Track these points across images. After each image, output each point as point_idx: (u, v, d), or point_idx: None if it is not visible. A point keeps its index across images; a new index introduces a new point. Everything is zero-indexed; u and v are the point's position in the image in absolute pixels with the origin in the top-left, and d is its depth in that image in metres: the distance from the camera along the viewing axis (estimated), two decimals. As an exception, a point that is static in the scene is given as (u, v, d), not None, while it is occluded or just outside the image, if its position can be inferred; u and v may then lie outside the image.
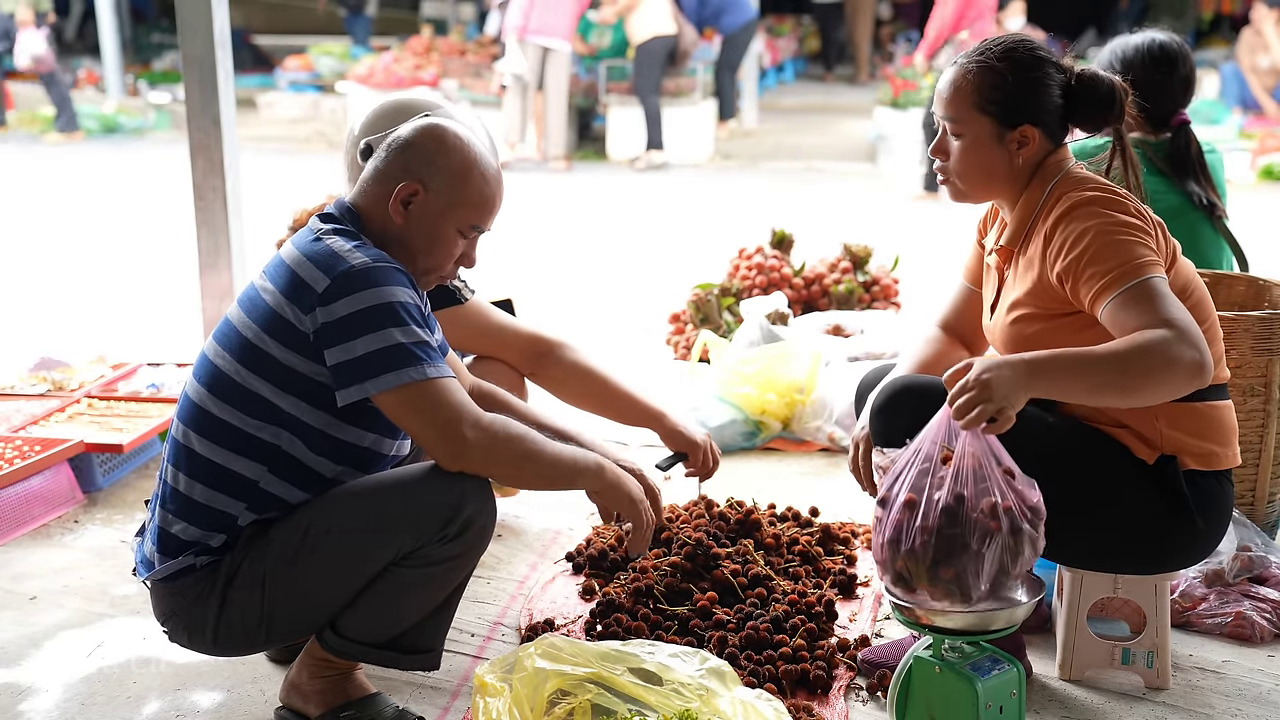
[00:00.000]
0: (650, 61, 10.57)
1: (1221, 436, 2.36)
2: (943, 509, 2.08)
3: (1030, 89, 2.36)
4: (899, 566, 2.13)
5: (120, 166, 10.85)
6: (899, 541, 2.11)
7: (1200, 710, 2.44)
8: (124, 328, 5.57)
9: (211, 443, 2.19)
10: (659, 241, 7.79)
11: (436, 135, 2.26)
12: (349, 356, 2.09)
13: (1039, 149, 2.39)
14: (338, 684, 2.32)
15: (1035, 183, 2.40)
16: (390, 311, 2.09)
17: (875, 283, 5.04)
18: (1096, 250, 2.24)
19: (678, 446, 2.79)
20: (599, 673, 2.08)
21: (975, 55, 2.39)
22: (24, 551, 3.23)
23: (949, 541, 2.07)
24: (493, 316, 2.88)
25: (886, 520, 2.13)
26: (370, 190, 2.27)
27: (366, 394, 2.10)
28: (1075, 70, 2.40)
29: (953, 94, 2.38)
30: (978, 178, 2.41)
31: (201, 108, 4.14)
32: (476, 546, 2.20)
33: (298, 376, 2.15)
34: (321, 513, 2.17)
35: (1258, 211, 8.09)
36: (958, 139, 2.40)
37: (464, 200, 2.25)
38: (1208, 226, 3.32)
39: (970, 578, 2.09)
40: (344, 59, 14.32)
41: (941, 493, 2.09)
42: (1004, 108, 2.36)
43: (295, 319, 2.13)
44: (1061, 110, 2.39)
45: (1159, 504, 2.32)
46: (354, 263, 2.11)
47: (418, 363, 2.09)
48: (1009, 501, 2.09)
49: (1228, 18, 18.28)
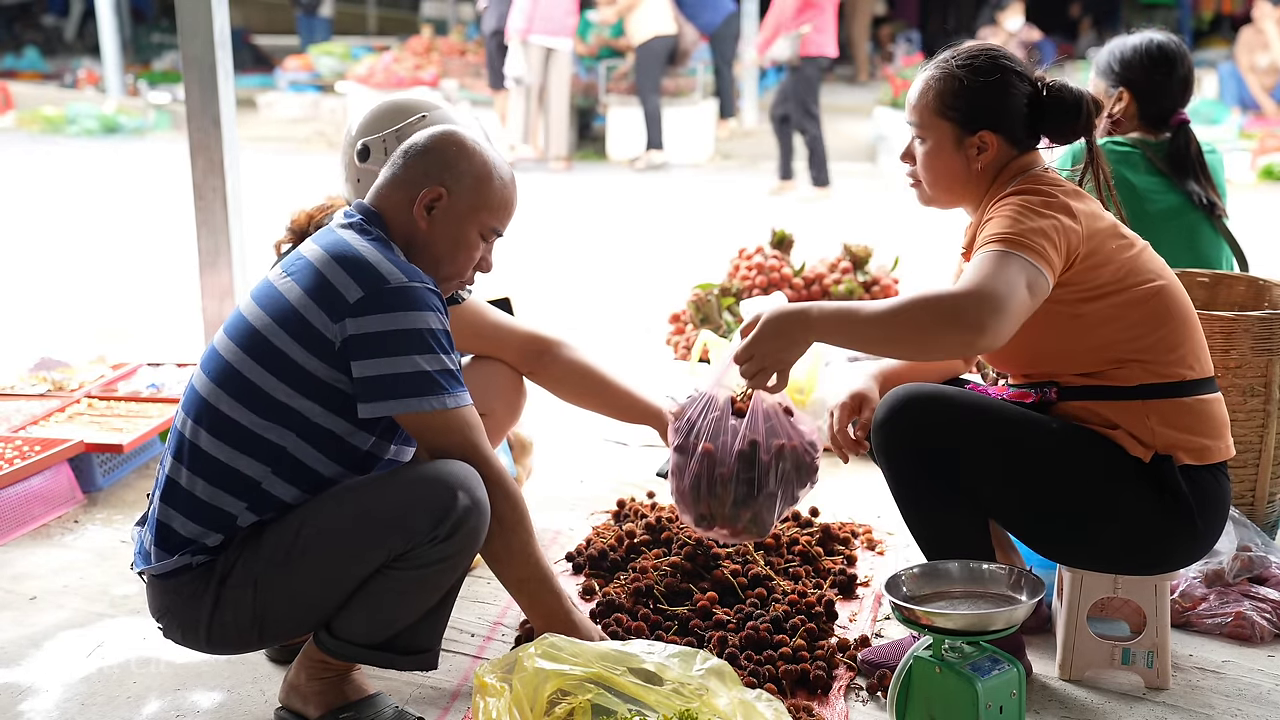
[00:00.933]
0: (651, 61, 10.58)
1: (1213, 430, 2.37)
2: (739, 455, 2.43)
3: (989, 95, 2.39)
4: (701, 509, 2.48)
5: (120, 166, 10.85)
6: (699, 488, 2.46)
7: (1200, 710, 2.44)
8: (124, 328, 5.57)
9: (218, 439, 2.18)
10: (659, 241, 7.80)
11: (456, 140, 2.29)
12: (376, 373, 2.12)
13: (999, 155, 2.42)
14: (336, 685, 2.32)
15: (995, 189, 2.42)
16: (420, 338, 2.13)
17: (875, 283, 5.04)
18: (992, 224, 2.29)
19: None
20: (599, 673, 2.08)
21: (939, 62, 2.45)
22: (24, 551, 3.23)
23: (747, 485, 2.45)
24: (491, 316, 2.88)
25: (687, 469, 2.46)
26: (391, 195, 2.28)
27: (391, 412, 2.15)
28: (1044, 81, 2.43)
29: (917, 100, 2.45)
30: (940, 182, 2.46)
31: (201, 108, 4.14)
32: (469, 547, 2.20)
33: (315, 380, 2.15)
34: (312, 514, 2.17)
35: (1258, 211, 8.09)
36: (921, 144, 2.46)
37: (486, 203, 2.29)
38: (1207, 226, 3.32)
39: (766, 514, 2.49)
40: (344, 59, 14.32)
41: (737, 440, 2.42)
42: (962, 113, 2.40)
43: (321, 324, 2.13)
44: (1027, 119, 2.42)
45: (1158, 503, 2.32)
46: (390, 280, 2.13)
47: (440, 392, 2.15)
48: (795, 441, 2.46)
49: (1228, 18, 18.28)
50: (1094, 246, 2.31)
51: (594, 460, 3.87)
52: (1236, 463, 2.93)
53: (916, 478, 2.38)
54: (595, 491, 3.60)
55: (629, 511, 3.29)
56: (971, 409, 2.35)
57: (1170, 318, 2.35)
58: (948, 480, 2.35)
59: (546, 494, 3.55)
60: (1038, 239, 2.25)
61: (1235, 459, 2.91)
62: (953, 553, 2.32)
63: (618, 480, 3.68)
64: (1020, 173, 2.42)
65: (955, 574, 2.25)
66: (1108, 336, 2.33)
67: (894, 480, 2.42)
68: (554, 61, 10.33)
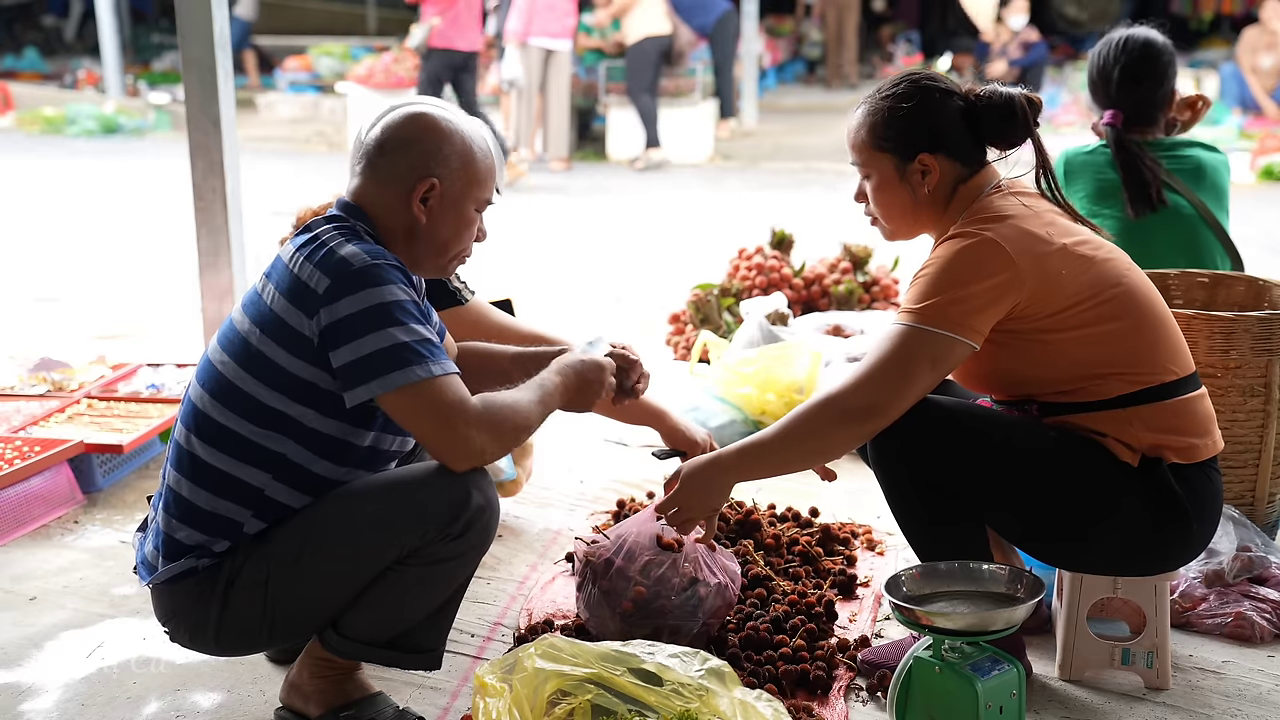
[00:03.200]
0: (641, 61, 10.59)
1: (1199, 427, 2.36)
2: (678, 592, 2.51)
3: (918, 119, 2.40)
4: (613, 616, 2.53)
5: (120, 167, 10.85)
6: (618, 608, 2.52)
7: (1200, 710, 2.44)
8: (124, 328, 5.57)
9: (215, 449, 2.17)
10: (659, 241, 7.80)
11: (430, 125, 2.25)
12: (355, 356, 2.08)
13: (946, 175, 2.41)
14: (338, 684, 2.32)
15: (949, 216, 2.43)
16: (388, 311, 2.09)
17: (875, 283, 5.05)
18: (922, 277, 2.33)
19: (678, 445, 2.79)
20: (599, 673, 2.08)
21: (866, 99, 2.48)
22: (24, 552, 3.23)
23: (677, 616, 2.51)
24: (492, 316, 2.88)
25: (615, 594, 2.52)
26: (378, 192, 2.24)
27: (373, 394, 2.09)
28: (975, 91, 2.43)
29: (854, 139, 2.48)
30: (893, 216, 2.47)
31: (201, 109, 4.14)
32: (480, 545, 2.20)
33: (304, 384, 2.13)
34: (325, 513, 2.16)
35: (1258, 211, 8.09)
36: (868, 181, 2.48)
37: (476, 179, 2.28)
38: (1203, 227, 3.31)
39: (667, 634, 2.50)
40: (344, 59, 14.33)
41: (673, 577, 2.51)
42: (897, 143, 2.41)
43: (298, 323, 2.12)
44: (969, 133, 2.42)
45: (1152, 505, 2.32)
46: (353, 262, 2.10)
47: (422, 360, 2.09)
48: (720, 576, 2.56)
49: (1228, 18, 18.27)
50: (1041, 279, 2.28)
51: (594, 460, 3.87)
52: (1236, 463, 2.94)
53: (912, 490, 2.38)
54: (595, 491, 3.60)
55: (629, 511, 3.29)
56: (966, 419, 2.35)
57: (1141, 324, 2.33)
58: (943, 492, 2.35)
59: (546, 494, 3.55)
60: (953, 308, 2.26)
61: (1235, 459, 2.92)
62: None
63: (618, 480, 3.68)
64: (970, 199, 2.40)
65: (955, 574, 2.25)
66: (1079, 356, 2.32)
67: (890, 492, 2.43)
68: (554, 63, 10.34)
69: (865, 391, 2.29)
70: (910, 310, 2.30)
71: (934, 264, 2.33)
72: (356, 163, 2.29)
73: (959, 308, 2.27)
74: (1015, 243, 2.30)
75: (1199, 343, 2.86)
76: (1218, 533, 2.84)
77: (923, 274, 2.34)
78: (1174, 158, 3.37)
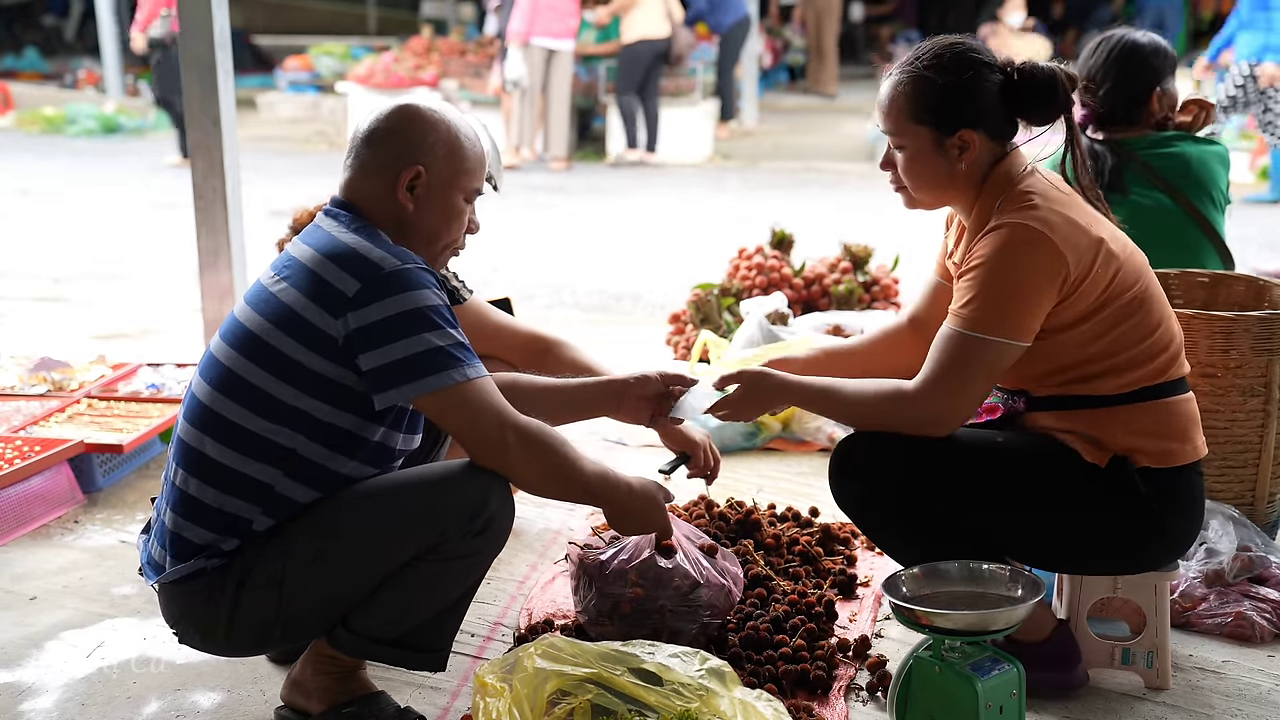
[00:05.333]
0: (632, 62, 10.62)
1: (1180, 432, 2.35)
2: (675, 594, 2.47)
3: (962, 93, 2.33)
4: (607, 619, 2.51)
5: (120, 166, 10.85)
6: (617, 610, 2.49)
7: (1200, 710, 2.44)
8: (124, 328, 5.57)
9: (225, 446, 2.17)
10: (659, 241, 7.80)
11: (415, 115, 2.26)
12: (386, 360, 2.09)
13: (983, 152, 2.36)
14: (342, 681, 2.32)
15: (986, 194, 2.37)
16: (425, 316, 2.11)
17: (875, 283, 5.04)
18: (974, 277, 2.29)
19: (678, 445, 2.78)
20: (599, 673, 2.08)
21: (905, 65, 2.38)
22: (24, 551, 3.23)
23: (675, 618, 2.49)
24: (491, 316, 2.88)
25: (613, 596, 2.48)
26: (366, 184, 2.25)
27: (406, 398, 2.12)
28: (1013, 64, 2.36)
29: (888, 107, 2.38)
30: (926, 188, 2.41)
31: (201, 108, 4.14)
32: (495, 545, 2.22)
33: (321, 379, 2.13)
34: (343, 510, 2.16)
35: (1257, 211, 8.10)
36: (900, 151, 2.40)
37: (463, 167, 2.27)
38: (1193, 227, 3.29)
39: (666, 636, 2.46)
40: (344, 59, 14.32)
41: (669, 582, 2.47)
42: (938, 115, 2.34)
43: (322, 323, 2.12)
44: (1004, 108, 2.36)
45: (1115, 506, 2.32)
46: (385, 267, 2.11)
47: (458, 365, 2.12)
48: (721, 579, 2.53)
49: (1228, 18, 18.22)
50: (1079, 274, 2.27)
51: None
52: (1236, 463, 2.94)
53: (883, 527, 2.44)
54: (595, 491, 3.59)
55: (629, 511, 3.28)
56: (917, 453, 2.35)
57: (1152, 325, 2.33)
58: (913, 523, 2.38)
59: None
60: (1011, 309, 2.25)
61: (1235, 459, 2.92)
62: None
63: (618, 480, 3.67)
64: (1006, 180, 2.35)
65: (955, 574, 2.25)
66: (1086, 353, 2.32)
67: (862, 528, 2.50)
68: (555, 63, 10.36)
69: (936, 404, 2.29)
70: (971, 317, 2.26)
71: (990, 260, 2.27)
72: (347, 158, 2.30)
73: (1016, 307, 2.25)
74: (1066, 239, 2.26)
75: (1199, 343, 2.86)
76: (1218, 533, 2.85)
77: (978, 269, 2.28)
78: (1159, 154, 3.31)
